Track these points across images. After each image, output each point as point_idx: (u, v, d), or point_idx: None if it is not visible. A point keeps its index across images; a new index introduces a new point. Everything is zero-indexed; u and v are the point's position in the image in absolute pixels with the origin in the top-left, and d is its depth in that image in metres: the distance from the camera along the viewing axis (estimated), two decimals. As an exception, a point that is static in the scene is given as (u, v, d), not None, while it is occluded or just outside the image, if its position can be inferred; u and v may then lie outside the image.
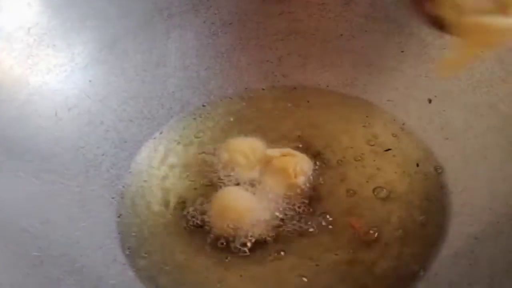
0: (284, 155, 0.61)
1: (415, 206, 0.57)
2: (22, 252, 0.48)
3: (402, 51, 0.69)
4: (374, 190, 0.59)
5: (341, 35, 0.72)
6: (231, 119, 0.70)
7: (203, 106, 0.72)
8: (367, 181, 0.60)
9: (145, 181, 0.63)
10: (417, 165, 0.61)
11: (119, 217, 0.59)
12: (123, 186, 0.62)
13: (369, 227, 0.55)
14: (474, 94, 0.62)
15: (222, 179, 0.61)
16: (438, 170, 0.60)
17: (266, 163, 0.60)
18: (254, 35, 0.74)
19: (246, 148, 0.62)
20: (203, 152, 0.66)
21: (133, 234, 0.57)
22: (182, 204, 0.60)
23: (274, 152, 0.61)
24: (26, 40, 0.62)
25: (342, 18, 0.72)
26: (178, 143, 0.68)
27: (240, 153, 0.61)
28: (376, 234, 0.54)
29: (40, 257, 0.48)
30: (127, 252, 0.55)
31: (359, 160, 0.62)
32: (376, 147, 0.63)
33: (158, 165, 0.65)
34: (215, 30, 0.73)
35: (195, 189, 0.61)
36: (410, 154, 0.62)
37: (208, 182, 0.62)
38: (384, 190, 0.59)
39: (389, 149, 0.63)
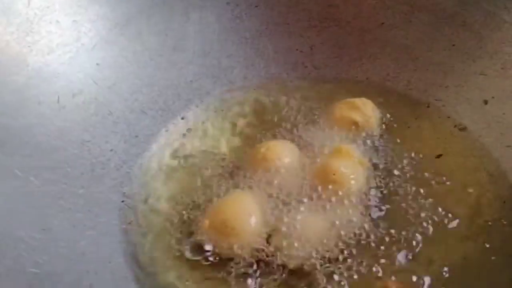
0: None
1: (475, 234, 0.48)
2: (17, 268, 0.41)
3: (453, 45, 0.61)
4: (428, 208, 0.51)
5: (382, 23, 0.65)
6: (256, 114, 0.62)
7: (225, 98, 0.64)
8: (416, 198, 0.51)
9: (159, 181, 0.55)
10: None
11: (129, 223, 0.50)
12: (134, 187, 0.54)
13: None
14: (541, 96, 0.54)
15: (250, 183, 0.53)
16: (500, 182, 0.52)
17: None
18: (283, 20, 0.67)
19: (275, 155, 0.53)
20: (225, 151, 0.58)
21: (146, 246, 0.49)
22: (198, 208, 0.52)
23: None
24: (25, 14, 0.55)
25: (383, 4, 0.65)
26: (196, 138, 0.60)
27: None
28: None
29: (38, 275, 0.40)
30: (140, 267, 0.47)
31: (405, 169, 0.54)
32: (425, 153, 0.55)
33: (173, 163, 0.57)
34: (239, 13, 0.66)
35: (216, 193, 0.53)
36: (465, 162, 0.55)
37: (228, 184, 0.53)
38: (439, 207, 0.50)
39: (440, 155, 0.55)
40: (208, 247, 0.48)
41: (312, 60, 0.66)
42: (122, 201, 0.52)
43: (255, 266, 0.47)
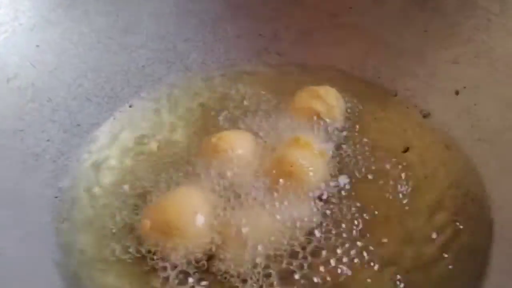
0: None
1: (440, 237, 0.45)
2: None
3: (425, 31, 0.58)
4: (390, 204, 0.47)
5: (351, 8, 0.61)
6: (213, 102, 0.58)
7: (180, 84, 0.59)
8: (380, 194, 0.48)
9: (99, 174, 0.51)
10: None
11: (63, 222, 0.46)
12: (71, 181, 0.50)
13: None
14: (513, 86, 0.51)
15: (199, 176, 0.48)
16: (469, 178, 0.48)
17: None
18: (246, 2, 0.63)
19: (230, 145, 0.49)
20: (177, 142, 0.54)
21: (80, 247, 0.45)
22: (141, 206, 0.47)
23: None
24: (-47, -10, 0.51)
25: (352, -13, 0.61)
26: (146, 129, 0.55)
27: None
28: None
29: None
30: (73, 271, 0.42)
31: (369, 162, 0.50)
32: (392, 146, 0.51)
33: (117, 156, 0.53)
34: (198, -7, 0.63)
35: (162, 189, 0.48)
36: (433, 156, 0.51)
37: (176, 178, 0.49)
38: (403, 203, 0.47)
39: (407, 149, 0.51)
40: (149, 248, 0.43)
41: (275, 45, 0.62)
42: (56, 197, 0.47)
43: (201, 270, 0.42)
